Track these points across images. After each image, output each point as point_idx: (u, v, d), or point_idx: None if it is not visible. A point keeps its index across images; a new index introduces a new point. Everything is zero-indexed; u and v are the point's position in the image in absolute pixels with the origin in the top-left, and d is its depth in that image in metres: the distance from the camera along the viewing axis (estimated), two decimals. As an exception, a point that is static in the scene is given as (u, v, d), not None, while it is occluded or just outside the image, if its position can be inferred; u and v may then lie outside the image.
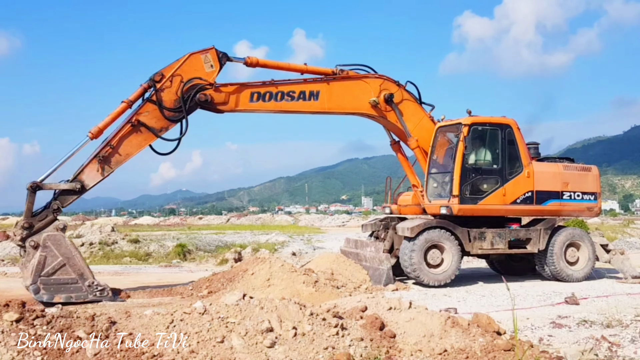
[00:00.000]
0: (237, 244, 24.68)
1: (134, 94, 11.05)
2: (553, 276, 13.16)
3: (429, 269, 12.25)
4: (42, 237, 10.19)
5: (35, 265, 9.93)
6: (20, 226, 10.23)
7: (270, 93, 11.95)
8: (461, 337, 6.23)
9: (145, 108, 11.06)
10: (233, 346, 5.45)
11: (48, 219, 10.42)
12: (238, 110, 11.85)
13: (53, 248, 10.13)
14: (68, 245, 10.35)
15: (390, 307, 6.93)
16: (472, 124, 12.67)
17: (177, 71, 11.15)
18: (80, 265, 10.29)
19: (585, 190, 13.64)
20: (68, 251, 10.25)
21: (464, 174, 12.44)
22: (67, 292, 10.10)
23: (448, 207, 12.43)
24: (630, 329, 7.58)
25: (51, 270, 10.03)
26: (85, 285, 10.24)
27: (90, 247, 21.30)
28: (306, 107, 12.31)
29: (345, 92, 12.71)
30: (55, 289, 10.03)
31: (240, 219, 73.69)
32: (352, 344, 5.78)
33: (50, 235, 10.20)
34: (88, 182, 10.79)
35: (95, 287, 10.32)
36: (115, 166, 10.97)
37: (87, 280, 10.27)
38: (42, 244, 10.11)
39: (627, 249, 19.73)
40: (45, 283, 9.97)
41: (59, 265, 10.10)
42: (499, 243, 12.81)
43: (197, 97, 11.25)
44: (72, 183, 10.62)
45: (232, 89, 11.69)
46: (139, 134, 11.05)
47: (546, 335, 7.41)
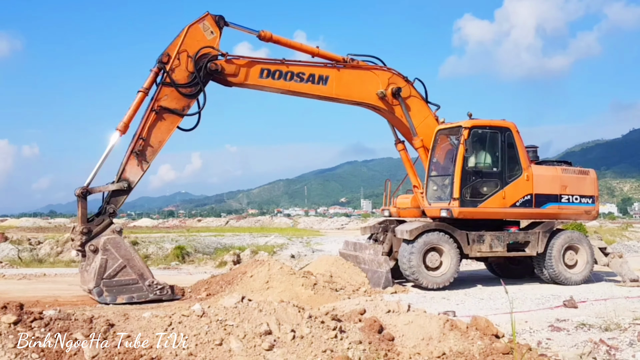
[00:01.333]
0: (236, 246, 24.65)
1: (147, 80, 11.12)
2: (551, 279, 13.16)
3: (427, 271, 12.25)
4: (102, 240, 10.39)
5: (97, 269, 10.14)
6: (79, 232, 10.44)
7: (280, 72, 12.03)
8: (460, 340, 6.23)
9: (163, 92, 11.14)
10: (231, 349, 5.45)
11: (105, 222, 10.66)
12: (247, 84, 11.89)
13: (113, 251, 10.36)
14: (127, 247, 10.63)
15: (388, 310, 6.92)
16: (472, 127, 12.68)
17: (181, 47, 11.17)
18: (139, 266, 10.54)
19: (583, 193, 13.68)
20: (127, 253, 10.50)
21: (464, 176, 12.46)
22: (129, 293, 10.34)
23: (448, 210, 12.42)
24: (628, 333, 7.57)
25: (113, 273, 10.27)
26: (145, 285, 10.48)
27: (88, 249, 21.26)
28: (314, 90, 12.38)
29: (354, 81, 12.80)
30: (118, 290, 10.27)
31: (239, 222, 73.72)
32: (351, 346, 5.78)
33: (109, 239, 10.43)
34: (133, 179, 10.98)
35: (155, 286, 10.55)
36: (152, 156, 11.13)
37: (147, 280, 10.51)
38: (102, 247, 10.31)
39: (625, 252, 19.73)
40: (108, 285, 10.20)
41: (119, 267, 10.33)
42: (497, 246, 12.81)
43: (209, 66, 11.30)
44: (119, 183, 10.81)
45: (244, 63, 11.77)
46: (165, 119, 11.19)
47: (544, 339, 7.41)
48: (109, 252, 10.30)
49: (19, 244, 22.74)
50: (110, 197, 10.82)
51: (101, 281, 10.12)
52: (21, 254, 21.02)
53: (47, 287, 12.86)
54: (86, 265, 10.64)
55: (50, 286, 12.98)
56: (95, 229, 10.53)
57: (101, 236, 10.47)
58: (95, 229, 10.52)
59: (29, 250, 21.61)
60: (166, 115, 11.16)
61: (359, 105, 13.31)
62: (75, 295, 11.37)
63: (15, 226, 60.71)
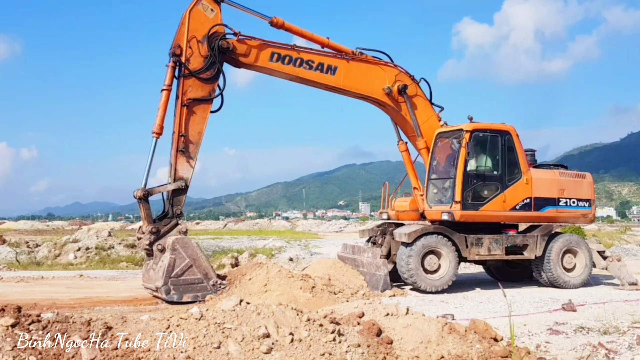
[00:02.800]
0: (234, 249, 24.64)
1: (167, 77, 11.17)
2: (550, 283, 13.15)
3: (426, 274, 12.23)
4: (170, 240, 10.69)
5: (165, 267, 10.46)
6: (148, 231, 10.86)
7: (290, 57, 12.09)
8: (458, 344, 6.22)
9: (186, 85, 11.23)
10: (229, 352, 5.43)
11: (172, 223, 11.06)
12: (256, 66, 11.91)
13: (181, 250, 10.68)
14: (194, 247, 10.94)
15: (387, 313, 6.91)
16: (473, 130, 12.70)
17: (189, 34, 11.19)
18: (205, 266, 10.85)
19: (580, 197, 13.72)
20: (194, 253, 10.82)
21: (466, 180, 12.47)
22: (194, 292, 10.65)
23: (450, 213, 12.42)
24: (627, 336, 7.57)
25: (180, 272, 10.62)
26: (210, 285, 10.77)
27: (86, 252, 21.24)
28: (322, 79, 12.44)
29: (362, 74, 12.86)
30: (184, 289, 10.60)
31: (238, 224, 73.57)
32: (349, 350, 5.76)
33: (178, 239, 10.76)
34: (187, 177, 11.25)
35: (219, 285, 10.86)
36: (196, 150, 11.35)
37: (211, 280, 10.82)
38: (170, 247, 10.61)
39: (624, 255, 19.76)
40: (175, 284, 10.53)
41: (186, 267, 10.65)
42: (496, 249, 12.80)
43: (221, 44, 11.33)
44: (176, 183, 11.10)
45: (255, 44, 11.81)
46: (197, 110, 11.34)
47: (543, 342, 7.40)
48: (177, 252, 10.61)
49: (17, 246, 22.71)
50: (172, 198, 11.12)
51: (169, 280, 10.44)
52: (19, 256, 20.99)
53: (45, 289, 12.82)
54: (152, 264, 10.96)
55: (48, 289, 12.94)
56: (163, 229, 10.93)
57: (168, 236, 10.85)
58: (163, 229, 10.93)
59: (27, 253, 21.58)
60: (196, 105, 11.31)
61: (365, 99, 13.33)
62: (73, 298, 11.35)
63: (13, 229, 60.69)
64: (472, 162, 12.78)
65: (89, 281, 14.75)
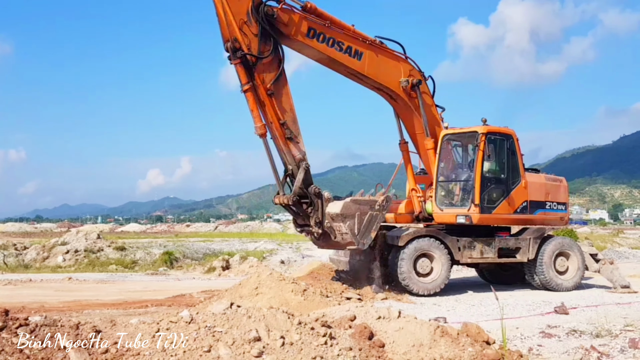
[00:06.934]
0: (225, 251, 24.54)
1: (241, 77, 11.12)
2: (542, 285, 13.17)
3: (418, 277, 12.21)
4: (334, 214, 11.40)
5: (350, 232, 11.36)
6: (314, 224, 11.59)
7: (324, 35, 12.07)
8: (450, 347, 6.18)
9: (261, 77, 11.21)
10: (220, 356, 5.36)
11: (321, 203, 11.57)
12: (294, 39, 11.75)
13: (348, 214, 11.42)
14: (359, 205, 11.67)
15: (379, 317, 6.86)
16: (487, 132, 12.72)
17: (235, 20, 10.95)
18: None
19: (559, 200, 14.07)
20: (353, 210, 11.55)
21: (483, 183, 12.49)
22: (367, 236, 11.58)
23: (467, 216, 12.41)
24: (619, 339, 7.56)
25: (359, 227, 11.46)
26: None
27: (75, 254, 21.08)
28: (349, 62, 12.42)
29: (383, 64, 12.89)
30: (366, 235, 11.54)
31: (229, 227, 73.33)
32: (341, 353, 5.71)
33: (343, 207, 11.39)
34: (302, 154, 11.65)
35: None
36: (296, 126, 11.58)
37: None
38: (340, 217, 11.36)
39: (616, 258, 19.84)
40: (363, 236, 11.48)
41: (358, 221, 11.46)
42: (488, 252, 12.81)
43: (265, 10, 11.18)
44: (301, 167, 11.51)
45: (296, 17, 11.73)
46: (279, 91, 11.39)
47: (535, 345, 7.39)
48: (348, 217, 11.32)
49: (5, 249, 22.47)
50: (304, 183, 11.43)
51: (355, 237, 11.32)
52: (7, 259, 20.80)
53: (33, 292, 12.71)
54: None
55: (36, 292, 12.83)
56: (318, 213, 11.50)
57: (327, 213, 11.43)
58: (317, 214, 11.50)
59: (15, 256, 21.37)
60: (276, 87, 11.33)
61: (380, 90, 13.28)
62: (61, 301, 11.25)
63: (1, 231, 60.27)
64: (486, 165, 12.80)
65: (78, 284, 14.65)
